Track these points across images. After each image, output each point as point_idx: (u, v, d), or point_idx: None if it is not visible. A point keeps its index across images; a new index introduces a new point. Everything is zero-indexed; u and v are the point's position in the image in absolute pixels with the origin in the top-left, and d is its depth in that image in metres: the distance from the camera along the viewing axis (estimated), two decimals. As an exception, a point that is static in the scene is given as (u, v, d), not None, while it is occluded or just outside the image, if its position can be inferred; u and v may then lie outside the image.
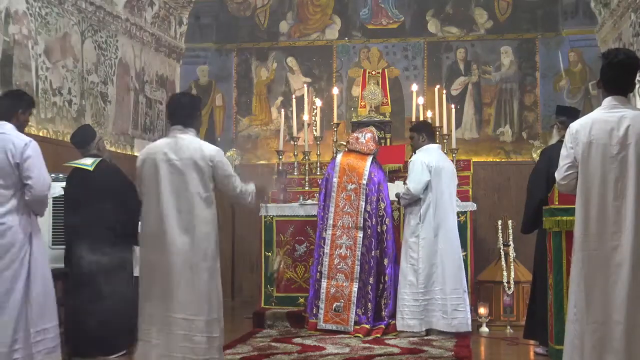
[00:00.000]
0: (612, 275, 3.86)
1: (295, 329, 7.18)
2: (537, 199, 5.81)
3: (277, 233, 7.77)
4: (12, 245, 4.89)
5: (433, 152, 7.02)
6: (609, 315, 3.85)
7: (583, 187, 4.00)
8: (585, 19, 9.48)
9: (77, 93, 7.67)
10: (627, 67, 4.06)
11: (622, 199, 3.88)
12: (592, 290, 3.91)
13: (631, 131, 3.92)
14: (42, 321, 5.01)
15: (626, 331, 3.81)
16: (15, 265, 4.90)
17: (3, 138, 4.92)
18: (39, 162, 4.96)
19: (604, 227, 3.90)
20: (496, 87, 9.70)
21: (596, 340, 3.87)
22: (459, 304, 6.76)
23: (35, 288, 4.97)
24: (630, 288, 3.81)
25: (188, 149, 4.56)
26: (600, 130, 3.97)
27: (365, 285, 6.97)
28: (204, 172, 4.54)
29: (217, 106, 10.21)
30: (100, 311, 5.85)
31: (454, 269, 6.82)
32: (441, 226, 6.85)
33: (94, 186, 6.01)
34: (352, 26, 10.06)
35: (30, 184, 4.87)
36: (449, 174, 7.00)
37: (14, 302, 4.87)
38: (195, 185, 4.53)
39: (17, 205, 4.92)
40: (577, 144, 4.02)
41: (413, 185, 6.86)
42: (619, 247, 3.86)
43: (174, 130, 4.67)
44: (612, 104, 4.03)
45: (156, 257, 4.60)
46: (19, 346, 4.88)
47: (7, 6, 6.52)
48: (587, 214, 3.96)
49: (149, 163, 4.61)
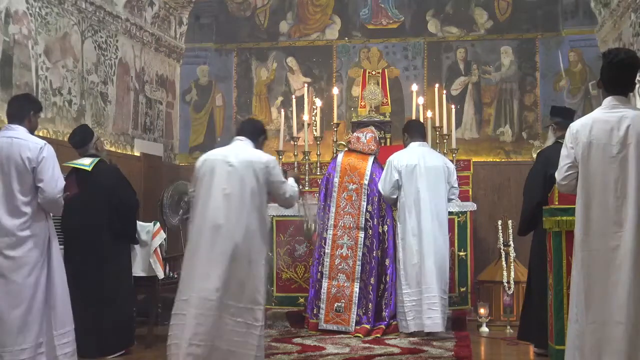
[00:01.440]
0: (613, 275, 3.85)
1: (295, 329, 7.19)
2: (533, 202, 5.80)
3: (277, 233, 7.76)
4: (33, 251, 4.95)
5: (411, 151, 6.90)
6: (609, 316, 3.84)
7: (583, 187, 4.00)
8: (585, 19, 9.48)
9: (77, 93, 7.67)
10: (628, 67, 4.06)
11: (623, 199, 3.88)
12: (592, 291, 3.91)
13: (631, 131, 3.92)
14: (64, 324, 5.08)
15: (627, 331, 3.80)
16: (36, 271, 4.98)
17: (19, 143, 4.99)
18: (52, 165, 5.04)
19: (605, 227, 3.90)
20: (496, 87, 9.70)
21: (596, 341, 3.87)
22: (433, 302, 6.62)
23: (55, 292, 5.06)
24: (631, 288, 3.81)
25: (246, 153, 4.90)
26: (600, 130, 3.97)
27: (366, 285, 6.96)
28: (259, 176, 4.81)
29: (217, 106, 10.21)
30: (98, 312, 5.86)
31: (433, 269, 6.66)
32: (421, 226, 6.70)
33: (92, 186, 6.02)
34: (352, 26, 10.05)
35: (42, 187, 4.96)
36: (432, 173, 6.78)
37: (37, 307, 4.96)
38: (249, 184, 4.79)
39: (36, 210, 4.99)
40: (578, 144, 4.02)
41: (380, 186, 6.92)
42: (619, 247, 3.85)
43: (236, 139, 5.04)
44: (613, 103, 4.03)
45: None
46: (43, 350, 4.95)
47: (7, 6, 6.52)
48: (588, 214, 3.95)
49: (207, 165, 4.89)
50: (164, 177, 9.45)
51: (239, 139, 5.03)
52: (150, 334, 6.49)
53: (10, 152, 4.96)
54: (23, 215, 4.94)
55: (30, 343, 4.92)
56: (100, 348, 5.86)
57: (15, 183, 4.94)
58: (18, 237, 4.93)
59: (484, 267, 7.92)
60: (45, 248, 5.04)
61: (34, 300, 4.96)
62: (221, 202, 4.74)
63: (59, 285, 5.08)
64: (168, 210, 8.83)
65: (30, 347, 4.93)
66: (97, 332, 5.83)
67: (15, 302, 4.91)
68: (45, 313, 5.01)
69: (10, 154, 4.96)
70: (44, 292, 5.01)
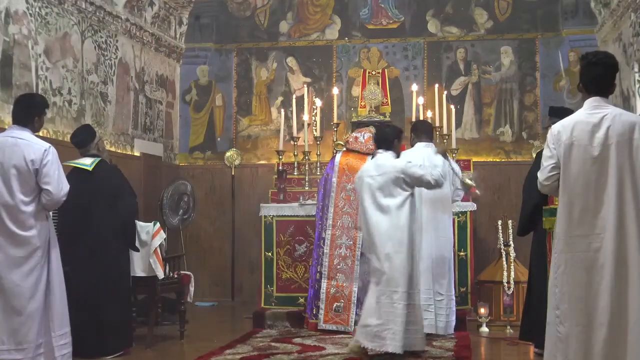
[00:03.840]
0: (596, 276, 3.85)
1: (295, 329, 7.19)
2: (532, 203, 5.81)
3: (277, 233, 7.76)
4: (34, 251, 4.98)
5: (417, 151, 6.87)
6: (593, 317, 3.84)
7: (565, 188, 4.00)
8: (585, 19, 9.48)
9: (77, 93, 7.67)
10: (607, 67, 4.06)
11: (604, 200, 3.88)
12: (576, 292, 3.90)
13: (612, 132, 3.92)
14: (62, 325, 5.09)
15: (610, 333, 3.80)
16: (37, 272, 4.99)
17: (23, 144, 5.00)
18: (57, 168, 5.07)
19: (587, 229, 3.90)
20: (496, 87, 9.70)
21: (581, 342, 3.85)
22: (429, 304, 6.62)
23: (54, 293, 5.06)
24: (614, 289, 3.81)
25: (385, 165, 5.80)
26: (581, 131, 3.97)
27: (365, 285, 6.95)
28: (400, 180, 5.72)
29: (217, 106, 10.21)
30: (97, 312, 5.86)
31: (429, 270, 6.66)
32: (420, 226, 6.61)
33: (92, 186, 6.01)
34: (352, 26, 10.05)
35: (49, 190, 4.99)
36: None
37: (37, 307, 4.96)
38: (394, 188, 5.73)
39: (37, 211, 5.01)
40: (560, 145, 4.01)
41: None
42: (601, 248, 3.85)
43: (377, 152, 5.94)
44: (594, 104, 4.03)
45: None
46: (42, 350, 4.96)
47: (7, 6, 6.52)
48: (570, 216, 3.96)
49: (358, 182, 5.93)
50: (164, 177, 9.45)
51: (379, 151, 5.89)
52: (150, 334, 6.49)
53: (13, 153, 4.98)
54: (24, 214, 4.96)
55: (30, 343, 4.94)
56: (99, 348, 5.85)
57: (16, 183, 4.96)
58: (19, 237, 4.94)
59: (484, 267, 7.92)
60: (46, 248, 5.05)
61: (35, 301, 4.96)
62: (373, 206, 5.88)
63: (57, 286, 5.10)
64: (168, 210, 8.85)
65: (30, 347, 4.94)
66: (96, 333, 5.82)
67: (16, 302, 4.92)
68: (44, 313, 5.02)
69: (14, 154, 4.98)
70: (44, 292, 5.02)
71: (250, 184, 9.94)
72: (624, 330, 3.80)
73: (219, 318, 8.45)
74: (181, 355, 6.39)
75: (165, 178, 9.43)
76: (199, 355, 5.96)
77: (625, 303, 3.81)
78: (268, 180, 9.19)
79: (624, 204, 3.86)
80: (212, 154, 10.09)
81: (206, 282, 9.72)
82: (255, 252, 8.62)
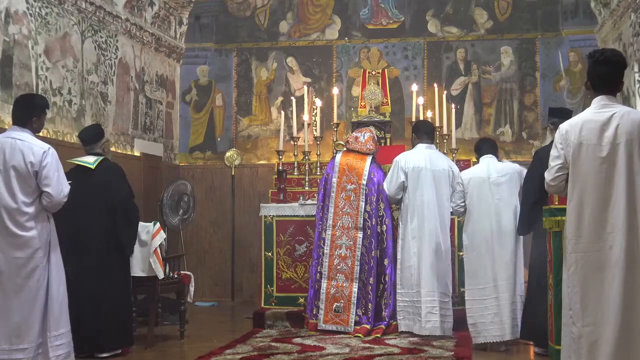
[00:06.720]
0: (607, 276, 3.84)
1: (295, 329, 7.18)
2: (530, 201, 5.82)
3: (277, 233, 7.76)
4: (36, 252, 4.98)
5: (418, 152, 6.91)
6: (605, 317, 3.83)
7: (574, 188, 3.97)
8: (585, 19, 9.49)
9: (77, 93, 7.67)
10: (615, 64, 4.04)
11: (614, 200, 3.87)
12: (587, 292, 3.89)
13: (620, 130, 3.90)
14: (59, 326, 5.09)
15: (620, 332, 3.79)
16: (38, 272, 4.99)
17: (22, 145, 5.00)
18: (57, 169, 5.06)
19: (597, 229, 3.88)
20: (496, 87, 9.70)
21: (592, 342, 3.85)
22: (433, 307, 6.65)
23: (54, 294, 5.07)
24: (624, 289, 3.80)
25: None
26: (590, 130, 3.94)
27: (365, 285, 6.96)
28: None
29: (217, 106, 10.21)
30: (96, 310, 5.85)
31: (433, 272, 6.68)
32: (422, 228, 6.72)
33: (94, 184, 6.00)
34: (352, 26, 10.06)
35: (49, 192, 4.98)
36: (437, 176, 6.79)
37: (38, 307, 4.98)
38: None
39: (38, 212, 5.01)
40: (568, 145, 3.99)
41: (385, 186, 6.94)
42: (612, 248, 3.84)
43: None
44: (602, 103, 4.01)
45: None
46: (41, 350, 4.97)
47: (7, 6, 6.52)
48: (580, 216, 3.93)
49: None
50: (164, 177, 9.46)
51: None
52: (150, 334, 6.49)
53: (13, 154, 4.98)
54: (25, 215, 4.95)
55: (31, 343, 4.94)
56: (96, 345, 5.84)
57: (17, 184, 4.95)
58: (21, 237, 4.94)
59: (484, 267, 7.89)
60: (47, 249, 5.05)
61: (36, 301, 4.97)
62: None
63: (57, 287, 5.09)
64: (168, 210, 8.84)
65: (31, 347, 4.94)
66: (95, 331, 5.81)
67: (18, 302, 4.92)
68: (45, 314, 5.02)
69: (13, 155, 4.97)
70: (45, 293, 5.03)
71: (250, 184, 9.95)
72: (635, 329, 3.79)
73: (219, 318, 8.45)
74: (181, 355, 6.38)
75: (165, 178, 9.43)
76: (199, 355, 5.96)
77: (636, 302, 3.80)
78: (268, 180, 9.20)
79: (634, 203, 3.85)
80: (212, 154, 10.09)
81: (206, 282, 9.73)
82: (255, 252, 8.62)
